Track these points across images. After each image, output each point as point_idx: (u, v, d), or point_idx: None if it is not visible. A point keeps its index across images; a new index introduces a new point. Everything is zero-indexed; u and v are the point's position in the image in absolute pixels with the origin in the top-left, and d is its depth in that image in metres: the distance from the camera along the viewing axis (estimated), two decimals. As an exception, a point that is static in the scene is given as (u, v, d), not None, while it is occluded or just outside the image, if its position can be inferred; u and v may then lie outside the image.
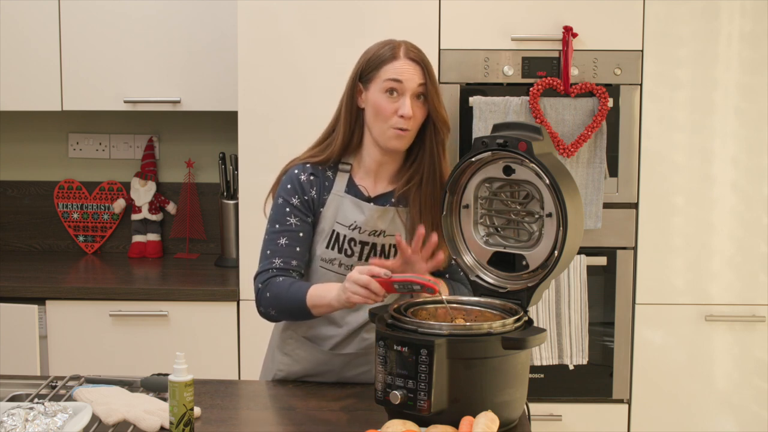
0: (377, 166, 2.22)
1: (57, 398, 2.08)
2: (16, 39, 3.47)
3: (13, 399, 2.11)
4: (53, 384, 2.18)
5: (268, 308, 2.16)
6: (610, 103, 3.11)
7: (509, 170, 2.01)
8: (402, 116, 2.11)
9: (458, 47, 3.15)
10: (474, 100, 3.12)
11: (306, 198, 2.20)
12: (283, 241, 2.18)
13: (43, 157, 3.88)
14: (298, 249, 2.19)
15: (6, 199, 3.89)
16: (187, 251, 3.84)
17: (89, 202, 3.86)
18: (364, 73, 2.17)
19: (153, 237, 3.81)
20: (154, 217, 3.81)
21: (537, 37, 3.14)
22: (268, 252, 2.19)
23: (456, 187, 2.09)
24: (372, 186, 2.23)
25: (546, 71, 3.14)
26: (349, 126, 2.20)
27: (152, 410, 1.95)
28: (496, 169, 2.03)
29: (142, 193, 3.81)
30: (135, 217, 3.82)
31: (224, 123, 3.69)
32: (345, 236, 2.18)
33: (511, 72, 3.15)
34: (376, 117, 2.14)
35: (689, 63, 3.16)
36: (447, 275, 2.28)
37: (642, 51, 3.16)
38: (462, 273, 2.13)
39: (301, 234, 2.20)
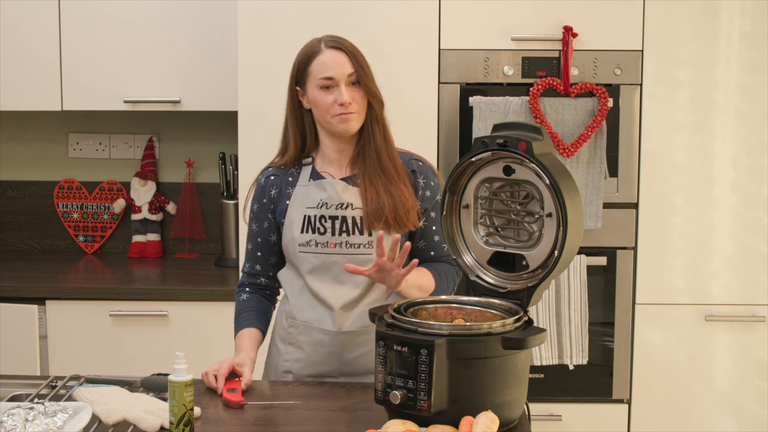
0: (338, 154, 2.31)
1: (57, 398, 2.08)
2: (16, 39, 3.47)
3: (13, 399, 2.11)
4: (53, 384, 2.18)
5: None
6: (610, 103, 3.11)
7: (509, 170, 2.01)
8: (342, 104, 2.20)
9: (458, 47, 3.15)
10: (474, 100, 3.12)
11: (264, 201, 2.33)
12: (249, 246, 2.39)
13: (43, 157, 3.88)
14: (259, 254, 2.37)
15: (6, 199, 3.89)
16: (187, 251, 3.84)
17: (89, 202, 3.86)
18: (298, 76, 2.27)
19: (153, 237, 3.81)
20: (154, 217, 3.81)
21: (537, 37, 3.14)
22: (244, 255, 2.42)
23: (456, 187, 2.09)
24: (336, 172, 2.31)
25: (546, 71, 3.14)
26: (299, 129, 2.31)
27: (152, 410, 1.95)
28: (496, 169, 2.03)
29: (142, 193, 3.81)
30: (135, 217, 3.82)
31: (224, 123, 3.69)
32: (315, 216, 2.26)
33: (511, 72, 3.15)
34: (319, 112, 2.25)
35: (689, 63, 3.16)
36: (432, 253, 2.32)
37: (642, 51, 3.16)
38: (449, 256, 2.25)
39: (259, 239, 2.36)
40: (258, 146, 3.17)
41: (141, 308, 3.25)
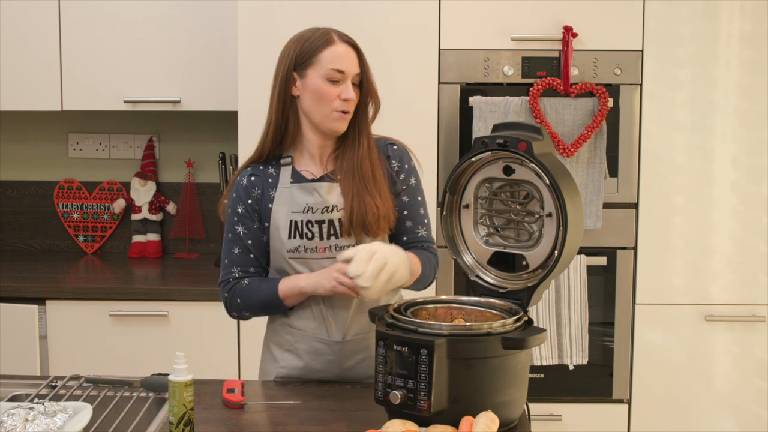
0: (319, 150, 2.27)
1: (57, 398, 2.08)
2: (16, 39, 3.47)
3: (13, 399, 2.11)
4: (53, 384, 2.18)
5: (241, 312, 2.28)
6: (610, 103, 3.11)
7: (509, 170, 2.01)
8: (345, 100, 2.19)
9: (458, 47, 3.15)
10: (474, 100, 3.12)
11: (249, 202, 2.26)
12: (236, 250, 2.27)
13: (43, 157, 3.88)
14: (251, 256, 2.27)
15: (6, 199, 3.89)
16: (187, 251, 3.84)
17: (89, 202, 3.86)
18: (299, 61, 2.21)
19: (153, 237, 3.81)
20: (154, 217, 3.81)
21: (537, 37, 3.14)
22: (226, 261, 2.29)
23: (456, 187, 2.09)
24: (317, 169, 2.27)
25: (546, 71, 3.15)
26: (282, 114, 2.24)
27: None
28: (496, 169, 2.03)
29: (142, 193, 3.81)
30: (135, 217, 3.82)
31: (224, 123, 3.69)
32: (301, 221, 2.21)
33: (511, 72, 3.15)
34: (318, 102, 2.20)
35: (689, 63, 3.16)
36: (405, 238, 2.29)
37: (642, 51, 3.16)
38: (428, 244, 2.28)
39: (249, 241, 2.26)
40: (258, 146, 3.17)
41: (141, 308, 3.25)
